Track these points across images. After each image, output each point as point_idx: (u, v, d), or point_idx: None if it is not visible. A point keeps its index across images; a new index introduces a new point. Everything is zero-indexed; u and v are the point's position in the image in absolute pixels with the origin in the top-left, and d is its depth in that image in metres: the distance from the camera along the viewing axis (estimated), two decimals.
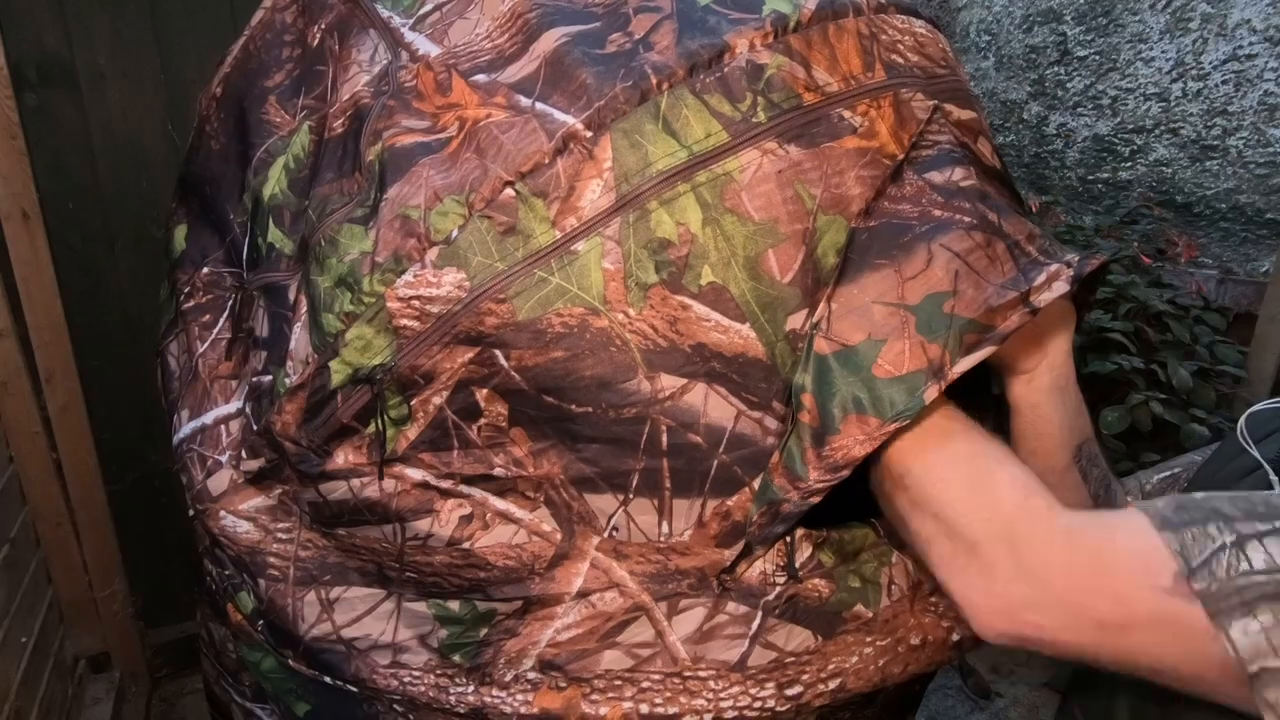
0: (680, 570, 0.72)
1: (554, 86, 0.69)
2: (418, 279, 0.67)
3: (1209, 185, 1.73)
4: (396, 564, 0.76)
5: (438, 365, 0.68)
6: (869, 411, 0.64)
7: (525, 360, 0.68)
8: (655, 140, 0.66)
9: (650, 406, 0.68)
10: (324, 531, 0.80)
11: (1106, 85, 1.89)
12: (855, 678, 0.72)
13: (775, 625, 0.71)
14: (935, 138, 0.73)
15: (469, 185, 0.68)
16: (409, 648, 0.76)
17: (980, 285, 0.66)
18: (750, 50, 0.68)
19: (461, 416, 0.70)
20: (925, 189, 0.71)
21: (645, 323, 0.67)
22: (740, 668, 0.71)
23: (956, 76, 0.80)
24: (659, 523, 0.71)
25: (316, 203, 0.76)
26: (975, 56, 2.24)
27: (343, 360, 0.70)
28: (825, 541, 0.73)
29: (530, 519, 0.72)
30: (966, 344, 0.64)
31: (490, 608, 0.74)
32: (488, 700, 0.73)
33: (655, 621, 0.72)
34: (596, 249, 0.66)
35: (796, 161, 0.67)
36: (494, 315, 0.67)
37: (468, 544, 0.73)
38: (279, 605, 0.80)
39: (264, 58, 0.88)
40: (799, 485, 0.65)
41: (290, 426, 0.74)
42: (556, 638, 0.73)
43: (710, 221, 0.66)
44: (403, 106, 0.73)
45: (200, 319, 0.90)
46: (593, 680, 0.72)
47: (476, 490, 0.72)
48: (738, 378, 0.68)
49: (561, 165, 0.66)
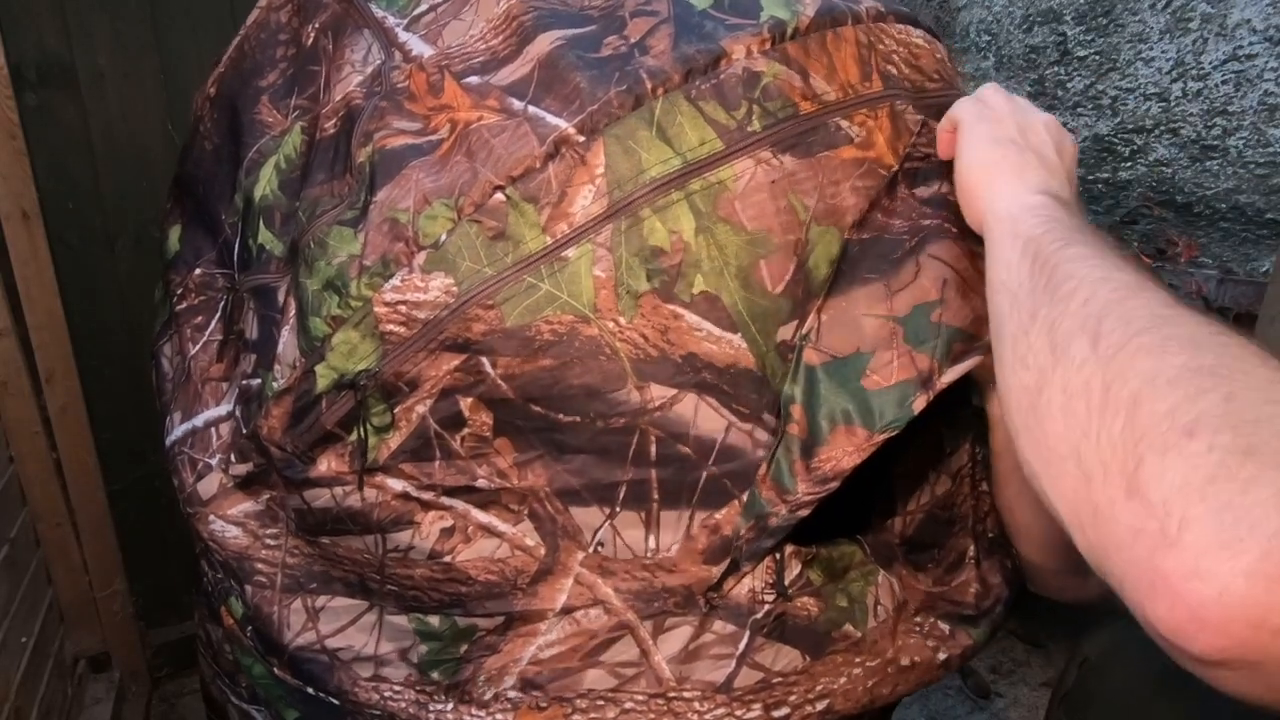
0: (667, 588, 0.70)
1: (547, 90, 0.68)
2: (405, 283, 0.66)
3: (1209, 185, 1.72)
4: (378, 575, 0.75)
5: (422, 372, 0.67)
6: (858, 423, 0.63)
7: (513, 368, 0.66)
8: (649, 147, 0.65)
9: (639, 417, 0.67)
10: (309, 539, 0.79)
11: (1106, 85, 1.89)
12: (843, 699, 0.71)
13: (763, 645, 0.70)
14: (926, 150, 0.72)
15: (458, 189, 0.66)
16: (390, 661, 0.75)
17: (968, 294, 0.65)
18: (747, 57, 0.67)
19: (445, 426, 0.69)
20: (915, 203, 0.70)
21: (636, 331, 0.65)
22: (726, 689, 0.70)
23: (950, 89, 0.79)
24: (646, 537, 0.70)
25: (307, 204, 0.75)
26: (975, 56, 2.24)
27: (328, 365, 0.69)
28: (814, 559, 0.72)
29: (513, 533, 0.71)
30: (955, 353, 0.63)
31: (471, 623, 0.73)
32: (467, 718, 0.72)
33: (640, 640, 0.71)
34: (587, 256, 0.65)
35: (791, 172, 0.66)
36: (481, 321, 0.65)
37: (449, 557, 0.72)
38: (265, 612, 0.79)
39: (258, 57, 0.88)
40: (787, 498, 0.64)
41: (276, 431, 0.73)
42: (539, 655, 0.71)
43: (703, 230, 0.65)
44: (394, 108, 0.72)
45: (192, 320, 0.90)
46: (575, 700, 0.70)
47: (459, 502, 0.71)
48: (729, 389, 0.66)
49: (553, 170, 0.65)
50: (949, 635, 0.76)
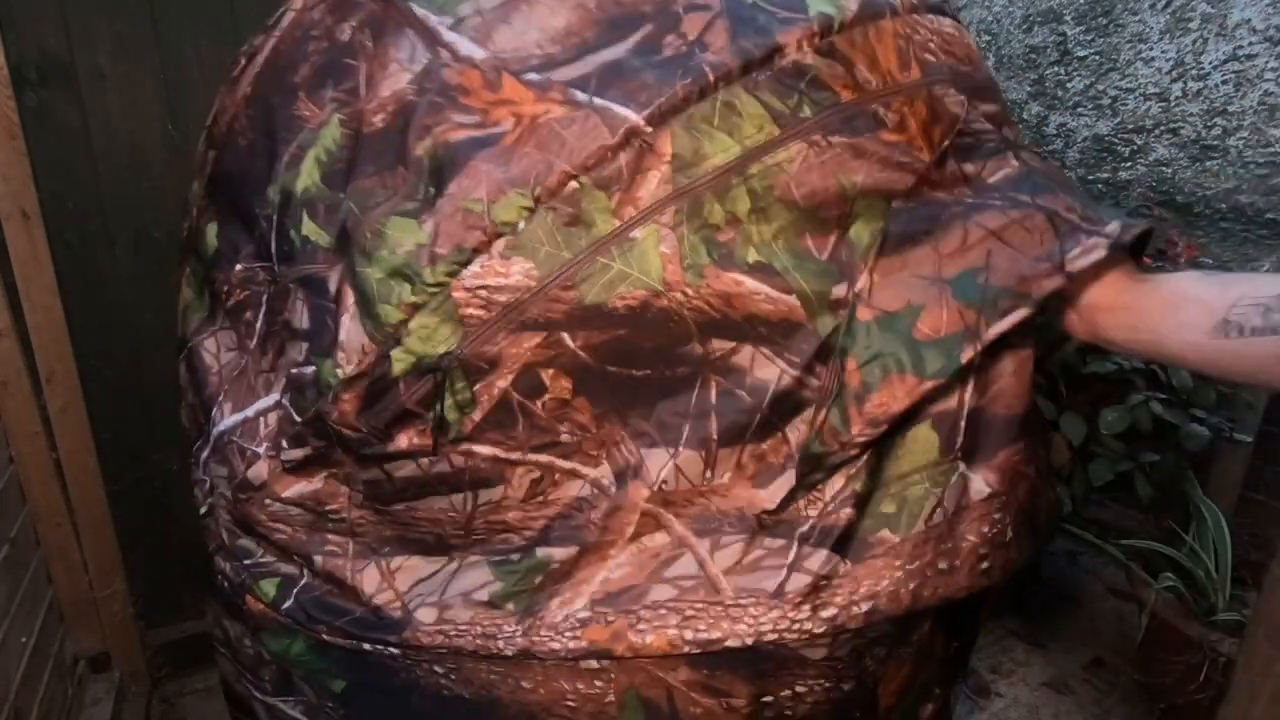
0: (721, 510, 0.77)
1: (610, 83, 0.72)
2: (485, 269, 0.70)
3: (1209, 185, 1.72)
4: (462, 531, 0.80)
5: (503, 351, 0.72)
6: (909, 371, 0.70)
7: (591, 339, 0.72)
8: (712, 136, 0.71)
9: (702, 366, 0.74)
10: (376, 509, 0.83)
11: (1106, 85, 1.89)
12: (888, 600, 0.75)
13: (809, 553, 0.75)
14: (975, 127, 0.78)
15: (533, 179, 0.70)
16: (453, 605, 0.80)
17: (1015, 259, 0.71)
18: (798, 50, 0.73)
19: (526, 395, 0.74)
20: (963, 178, 0.76)
21: (702, 300, 0.72)
22: (779, 594, 0.75)
23: (981, 72, 0.85)
24: (704, 471, 0.76)
25: (357, 196, 0.78)
26: None
27: (406, 349, 0.73)
28: (861, 469, 0.76)
29: (595, 475, 0.78)
30: (1002, 309, 0.69)
31: (548, 554, 0.79)
32: (536, 639, 0.77)
33: (698, 556, 0.77)
34: (654, 235, 0.70)
35: (839, 153, 0.72)
36: (562, 302, 0.71)
37: (540, 498, 0.78)
38: (338, 578, 0.84)
39: (293, 55, 0.89)
40: (841, 439, 0.72)
41: (349, 414, 0.77)
42: (609, 577, 0.77)
43: (758, 210, 0.72)
44: (450, 103, 0.75)
45: (243, 316, 0.92)
46: (639, 611, 0.76)
47: (544, 456, 0.77)
48: (781, 340, 0.74)
49: (624, 159, 0.70)
50: (1006, 542, 0.79)
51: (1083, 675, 1.87)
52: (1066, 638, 1.98)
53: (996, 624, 2.03)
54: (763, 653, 0.76)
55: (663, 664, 0.76)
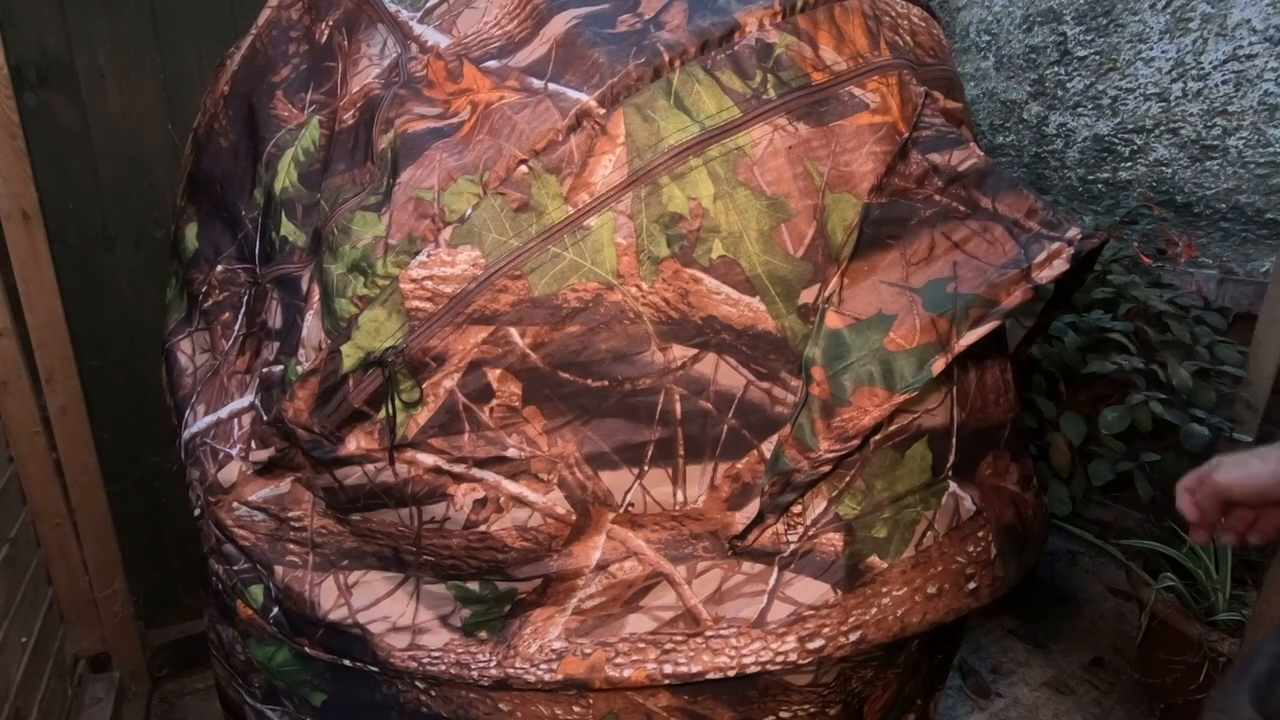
0: (695, 535, 0.74)
1: (566, 67, 0.70)
2: (431, 259, 0.68)
3: (1209, 185, 1.72)
4: (414, 547, 0.77)
5: (449, 346, 0.69)
6: (879, 383, 0.67)
7: (541, 336, 0.69)
8: (667, 116, 0.68)
9: (663, 377, 0.71)
10: (339, 518, 0.81)
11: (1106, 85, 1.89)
12: (876, 629, 0.74)
13: (792, 580, 0.73)
14: (930, 120, 0.76)
15: (483, 164, 0.69)
16: (428, 629, 0.78)
17: (980, 269, 0.69)
18: (759, 29, 0.70)
19: (473, 399, 0.72)
20: (929, 170, 0.73)
21: (658, 296, 0.69)
22: (760, 624, 0.73)
23: (945, 66, 0.83)
24: (674, 492, 0.73)
25: (329, 194, 0.77)
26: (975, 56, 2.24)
27: (355, 344, 0.71)
28: (846, 489, 0.73)
29: (544, 502, 0.74)
30: (973, 318, 0.67)
31: (510, 587, 0.76)
32: (511, 671, 0.75)
33: (675, 585, 0.74)
34: (609, 224, 0.68)
35: (805, 139, 0.69)
36: (509, 292, 0.68)
37: (484, 527, 0.75)
38: (296, 591, 0.82)
39: (271, 54, 0.89)
40: (809, 455, 0.68)
41: (303, 413, 0.75)
42: (580, 607, 0.75)
43: (722, 195, 0.68)
44: (414, 95, 0.74)
45: (220, 317, 0.92)
46: (616, 644, 0.74)
47: (490, 474, 0.74)
48: (747, 349, 0.71)
49: (575, 141, 0.68)
50: (991, 560, 0.78)
51: (1083, 675, 1.87)
52: (1066, 638, 1.98)
53: (996, 624, 2.03)
54: (746, 679, 0.74)
55: (643, 691, 0.74)
